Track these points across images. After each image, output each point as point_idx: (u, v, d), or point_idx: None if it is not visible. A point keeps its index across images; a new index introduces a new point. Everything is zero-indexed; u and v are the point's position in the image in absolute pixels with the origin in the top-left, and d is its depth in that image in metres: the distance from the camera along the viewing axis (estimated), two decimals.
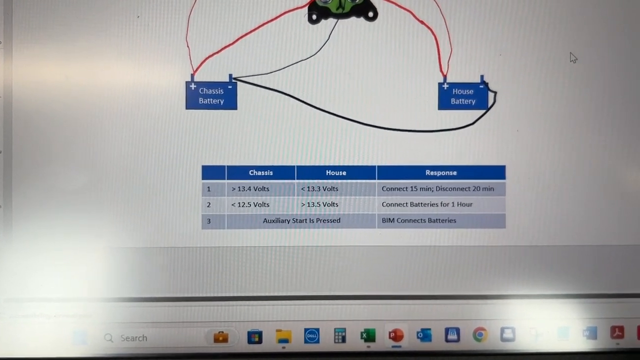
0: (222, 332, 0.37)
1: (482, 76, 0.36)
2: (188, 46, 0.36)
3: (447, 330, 0.37)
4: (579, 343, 0.37)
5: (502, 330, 0.37)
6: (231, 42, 0.36)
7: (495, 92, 0.36)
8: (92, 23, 0.36)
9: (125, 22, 0.36)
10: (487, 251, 0.37)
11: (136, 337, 0.37)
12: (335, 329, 0.37)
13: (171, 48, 0.36)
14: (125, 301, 0.36)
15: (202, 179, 0.36)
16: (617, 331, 0.37)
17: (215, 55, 0.36)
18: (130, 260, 0.36)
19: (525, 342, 0.37)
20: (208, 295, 0.37)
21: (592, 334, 0.37)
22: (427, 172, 0.37)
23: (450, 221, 0.37)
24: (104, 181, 0.36)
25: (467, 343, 0.37)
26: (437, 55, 0.36)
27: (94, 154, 0.36)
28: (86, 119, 0.36)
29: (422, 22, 0.36)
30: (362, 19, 0.36)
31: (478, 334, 0.37)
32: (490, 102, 0.36)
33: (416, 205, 0.37)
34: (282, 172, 0.36)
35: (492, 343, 0.37)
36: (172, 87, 0.36)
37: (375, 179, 0.37)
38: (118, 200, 0.36)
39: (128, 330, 0.37)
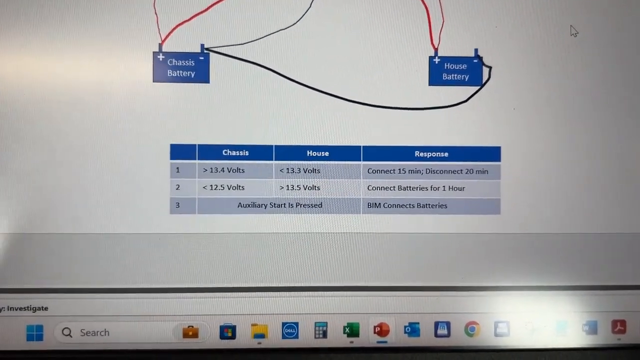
0: (192, 326, 0.35)
1: (476, 50, 0.34)
2: (156, 13, 0.33)
3: (436, 324, 0.35)
4: (578, 338, 0.36)
5: (496, 324, 0.35)
6: (203, 8, 0.34)
7: (490, 67, 0.35)
8: None
9: None
10: (480, 239, 0.35)
11: (97, 331, 0.34)
12: (315, 323, 0.35)
13: (137, 15, 0.33)
14: (85, 292, 0.34)
15: (171, 159, 0.34)
16: (619, 326, 0.36)
17: (185, 23, 0.34)
18: (90, 247, 0.34)
19: (521, 337, 0.35)
20: (176, 286, 0.34)
21: (592, 328, 0.36)
22: (417, 154, 0.35)
23: (440, 206, 0.35)
24: (61, 162, 0.33)
25: (458, 338, 0.35)
26: (427, 27, 0.34)
27: (51, 132, 0.33)
28: (43, 93, 0.33)
29: None
30: None
31: (470, 329, 0.35)
32: (485, 77, 0.35)
33: (404, 189, 0.35)
34: (259, 152, 0.34)
35: (485, 338, 0.35)
36: (138, 58, 0.34)
37: (360, 160, 0.35)
38: (77, 182, 0.33)
39: (88, 324, 0.34)
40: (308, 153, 0.34)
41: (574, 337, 0.35)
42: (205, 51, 0.34)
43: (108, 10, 0.33)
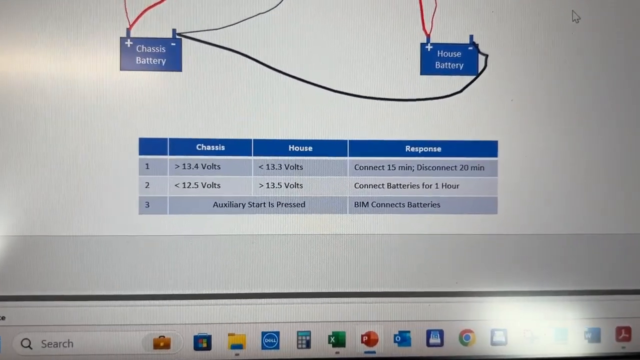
0: (164, 336, 0.33)
1: (471, 36, 0.33)
2: None
3: (428, 332, 0.34)
4: (579, 347, 0.34)
5: (493, 332, 0.34)
6: None
7: (486, 55, 0.33)
8: None
9: None
10: (475, 240, 0.33)
11: (60, 342, 0.32)
12: (298, 332, 0.33)
13: None
14: (46, 300, 0.32)
15: (140, 154, 0.32)
16: (624, 333, 0.34)
17: (156, 7, 0.32)
18: (52, 251, 0.32)
19: (519, 346, 0.34)
20: (146, 292, 0.32)
21: (595, 336, 0.34)
22: (407, 148, 0.33)
23: (433, 205, 0.33)
24: (19, 158, 0.31)
25: (452, 347, 0.34)
26: (419, 11, 0.32)
27: (9, 125, 0.31)
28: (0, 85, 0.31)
29: None
30: None
31: (465, 337, 0.34)
32: (481, 66, 0.33)
33: (394, 186, 0.33)
34: (236, 146, 0.32)
35: (480, 347, 0.34)
36: (104, 44, 0.32)
37: (346, 155, 0.33)
38: (37, 181, 0.31)
39: (50, 335, 0.32)
40: (290, 148, 0.32)
41: (575, 345, 0.34)
42: (177, 37, 0.32)
43: None
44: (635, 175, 0.33)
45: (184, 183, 0.32)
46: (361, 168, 0.33)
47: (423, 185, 0.33)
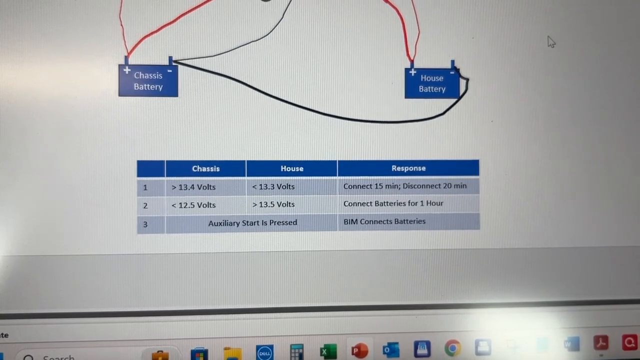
0: (162, 351, 0.33)
1: (452, 61, 0.34)
2: (121, 24, 0.32)
3: (416, 344, 0.34)
4: (560, 355, 0.35)
5: (477, 342, 0.35)
6: (172, 19, 0.32)
7: (467, 79, 0.34)
8: None
9: None
10: (459, 255, 0.34)
11: (61, 358, 0.33)
12: (291, 345, 0.34)
13: (102, 26, 0.32)
14: (47, 317, 0.32)
15: (138, 176, 0.33)
16: (601, 341, 0.35)
17: (153, 35, 0.32)
18: (53, 270, 0.32)
19: (503, 355, 0.35)
20: (145, 309, 0.33)
21: (574, 344, 0.35)
22: (394, 168, 0.34)
23: (419, 222, 0.34)
24: (22, 179, 0.32)
25: (439, 358, 0.34)
26: (403, 38, 0.33)
27: (10, 147, 0.32)
28: (1, 107, 0.32)
29: (386, 0, 0.33)
30: None
31: (450, 348, 0.34)
32: (462, 90, 0.34)
33: (381, 204, 0.34)
34: (231, 168, 0.33)
35: (466, 357, 0.34)
36: (103, 71, 0.32)
37: (336, 175, 0.34)
38: (39, 202, 0.32)
39: (52, 351, 0.32)
40: (282, 168, 0.33)
41: (556, 353, 0.35)
42: (174, 63, 0.32)
43: (71, 21, 0.32)
44: (614, 190, 0.34)
45: (180, 203, 0.33)
46: (350, 187, 0.33)
47: (409, 202, 0.34)
